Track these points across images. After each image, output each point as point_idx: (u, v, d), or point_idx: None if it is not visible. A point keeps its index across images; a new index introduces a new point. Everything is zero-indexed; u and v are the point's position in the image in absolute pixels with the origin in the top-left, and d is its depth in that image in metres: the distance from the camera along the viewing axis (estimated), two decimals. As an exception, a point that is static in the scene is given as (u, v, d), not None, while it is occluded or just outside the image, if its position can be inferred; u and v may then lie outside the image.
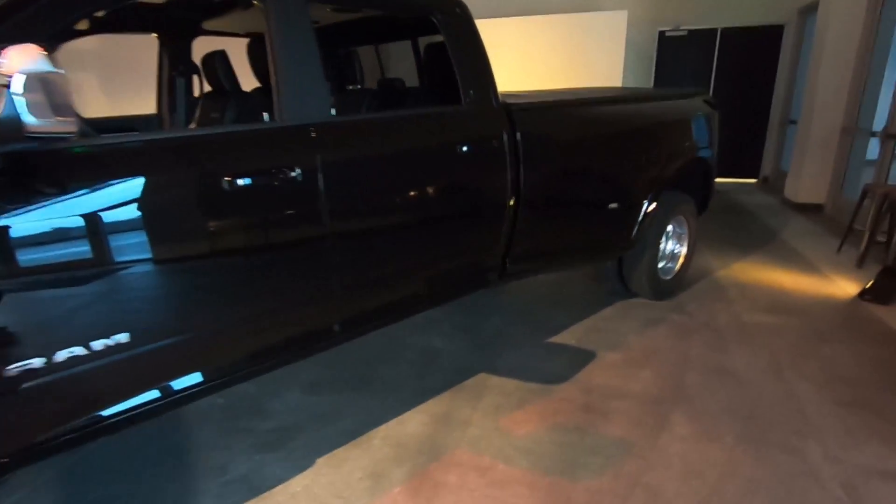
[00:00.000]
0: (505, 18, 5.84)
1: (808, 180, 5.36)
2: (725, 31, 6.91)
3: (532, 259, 2.49)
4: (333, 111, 1.90)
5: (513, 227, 2.30)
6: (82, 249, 1.22)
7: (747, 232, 4.65)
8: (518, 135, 2.21)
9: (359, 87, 2.72)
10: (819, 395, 2.19)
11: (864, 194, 3.79)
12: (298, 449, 1.92)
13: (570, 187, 2.49)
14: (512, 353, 2.59)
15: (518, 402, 2.18)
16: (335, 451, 1.91)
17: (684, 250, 3.24)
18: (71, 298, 1.25)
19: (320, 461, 1.86)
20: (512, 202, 2.22)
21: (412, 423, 2.06)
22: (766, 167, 7.17)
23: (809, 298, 3.17)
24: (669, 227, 3.20)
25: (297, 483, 1.76)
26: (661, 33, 7.09)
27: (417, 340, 2.73)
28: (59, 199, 1.19)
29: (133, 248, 1.29)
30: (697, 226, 3.30)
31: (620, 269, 3.08)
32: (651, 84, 7.27)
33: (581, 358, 2.54)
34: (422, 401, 2.21)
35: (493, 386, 2.31)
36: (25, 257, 1.16)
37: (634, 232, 2.81)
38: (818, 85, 5.12)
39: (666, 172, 2.87)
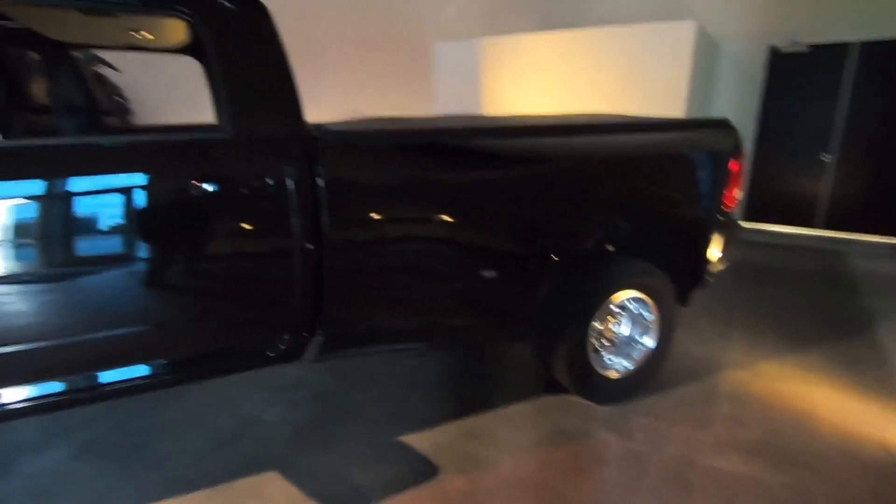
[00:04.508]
0: (548, 33, 5.14)
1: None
2: (866, 45, 5.32)
3: (362, 333, 1.91)
4: None
5: (318, 291, 1.76)
6: None
7: (830, 318, 3.35)
8: (321, 174, 1.67)
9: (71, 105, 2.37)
10: None
11: None
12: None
13: (417, 247, 1.85)
14: (340, 448, 2.01)
15: (263, 530, 1.62)
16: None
17: (650, 342, 2.32)
18: None
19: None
20: (306, 260, 1.69)
21: (117, 529, 1.62)
22: (916, 225, 5.34)
23: (841, 443, 2.05)
24: (627, 306, 2.32)
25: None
26: (773, 49, 5.72)
27: (248, 407, 2.28)
28: None
29: None
30: (676, 311, 2.35)
31: (541, 351, 2.29)
32: (754, 113, 5.89)
33: (409, 476, 1.87)
34: (165, 495, 1.76)
35: (265, 495, 1.77)
36: None
37: (534, 309, 2.05)
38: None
39: (593, 232, 2.07)
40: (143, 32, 2.08)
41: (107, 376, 1.63)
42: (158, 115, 6.57)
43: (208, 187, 1.57)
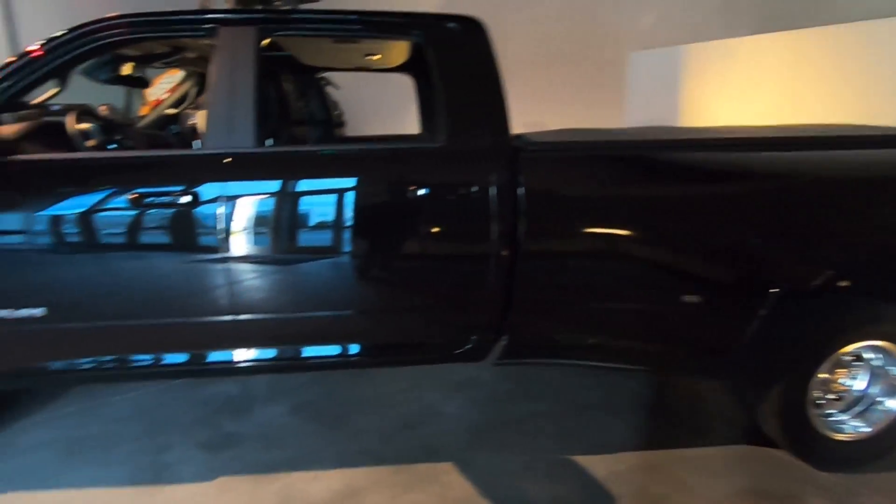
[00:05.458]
0: (770, 35, 4.53)
1: None
2: None
3: (545, 343, 1.92)
4: (270, 141, 1.90)
5: (507, 297, 1.82)
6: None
7: None
8: (522, 183, 1.72)
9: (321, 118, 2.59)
10: None
11: None
12: (221, 461, 1.99)
13: (612, 263, 1.79)
14: (512, 454, 2.03)
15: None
16: (240, 478, 1.90)
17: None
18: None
19: (221, 480, 1.89)
20: (500, 266, 1.76)
21: (321, 485, 1.87)
22: None
23: None
24: (865, 356, 1.92)
25: (184, 492, 1.83)
26: None
27: (429, 398, 2.43)
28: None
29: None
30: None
31: (746, 395, 2.01)
32: None
33: (582, 499, 1.80)
34: (360, 464, 1.97)
35: (442, 482, 1.88)
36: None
37: (741, 345, 1.81)
38: None
39: (822, 265, 1.76)
40: (374, 55, 2.39)
41: (310, 350, 1.89)
42: (360, 127, 7.49)
43: (421, 192, 1.73)
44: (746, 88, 4.80)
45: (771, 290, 1.75)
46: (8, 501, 1.79)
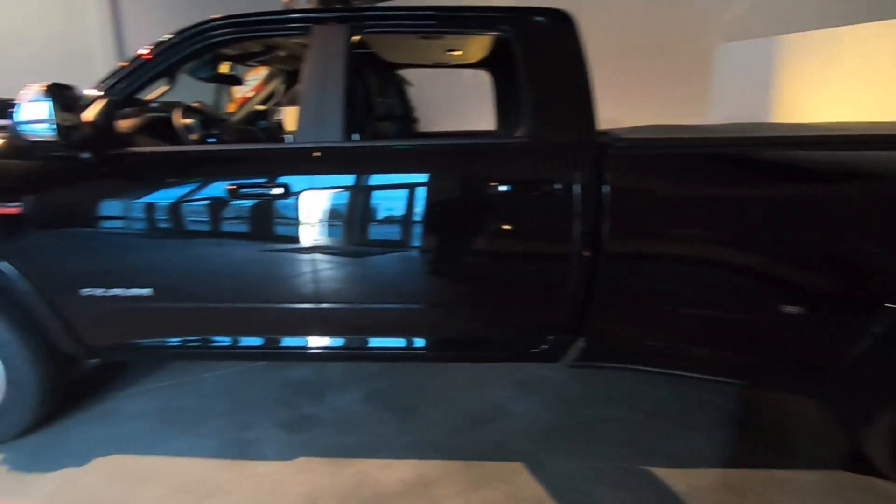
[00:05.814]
0: (883, 23, 4.11)
1: None
2: None
3: (624, 347, 1.86)
4: (357, 136, 1.94)
5: (587, 298, 1.77)
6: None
7: None
8: (608, 181, 1.67)
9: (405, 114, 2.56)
10: None
11: None
12: (300, 442, 2.08)
13: (702, 267, 1.70)
14: (584, 460, 1.98)
15: (507, 515, 1.70)
16: (317, 460, 1.98)
17: None
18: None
19: (300, 460, 1.98)
20: (581, 266, 1.72)
21: (394, 473, 1.91)
22: None
23: None
24: None
25: (267, 468, 1.93)
26: None
27: (497, 396, 2.41)
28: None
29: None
30: None
31: (850, 418, 1.85)
32: None
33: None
34: (430, 456, 2.00)
35: (512, 482, 1.86)
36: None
37: (847, 362, 1.66)
38: None
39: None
40: (455, 51, 2.39)
41: (390, 342, 1.94)
42: (429, 124, 7.55)
43: (503, 188, 1.72)
44: (851, 83, 4.39)
45: (887, 305, 1.59)
46: (114, 463, 1.96)
